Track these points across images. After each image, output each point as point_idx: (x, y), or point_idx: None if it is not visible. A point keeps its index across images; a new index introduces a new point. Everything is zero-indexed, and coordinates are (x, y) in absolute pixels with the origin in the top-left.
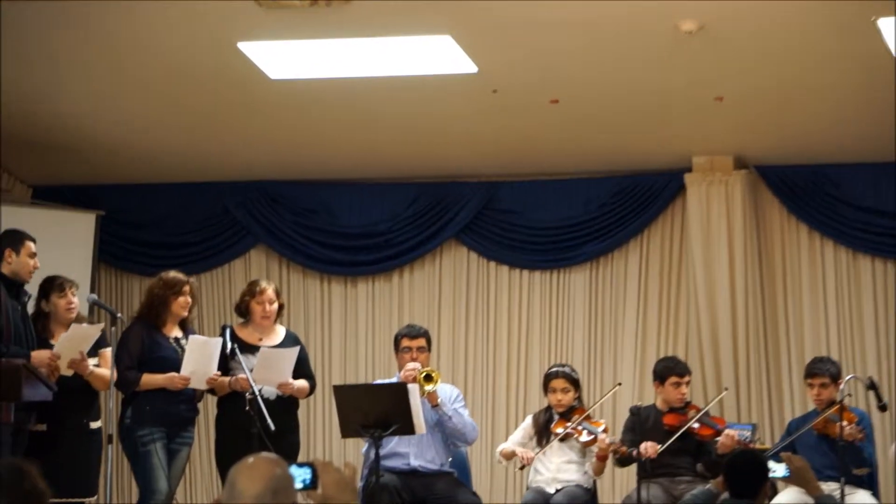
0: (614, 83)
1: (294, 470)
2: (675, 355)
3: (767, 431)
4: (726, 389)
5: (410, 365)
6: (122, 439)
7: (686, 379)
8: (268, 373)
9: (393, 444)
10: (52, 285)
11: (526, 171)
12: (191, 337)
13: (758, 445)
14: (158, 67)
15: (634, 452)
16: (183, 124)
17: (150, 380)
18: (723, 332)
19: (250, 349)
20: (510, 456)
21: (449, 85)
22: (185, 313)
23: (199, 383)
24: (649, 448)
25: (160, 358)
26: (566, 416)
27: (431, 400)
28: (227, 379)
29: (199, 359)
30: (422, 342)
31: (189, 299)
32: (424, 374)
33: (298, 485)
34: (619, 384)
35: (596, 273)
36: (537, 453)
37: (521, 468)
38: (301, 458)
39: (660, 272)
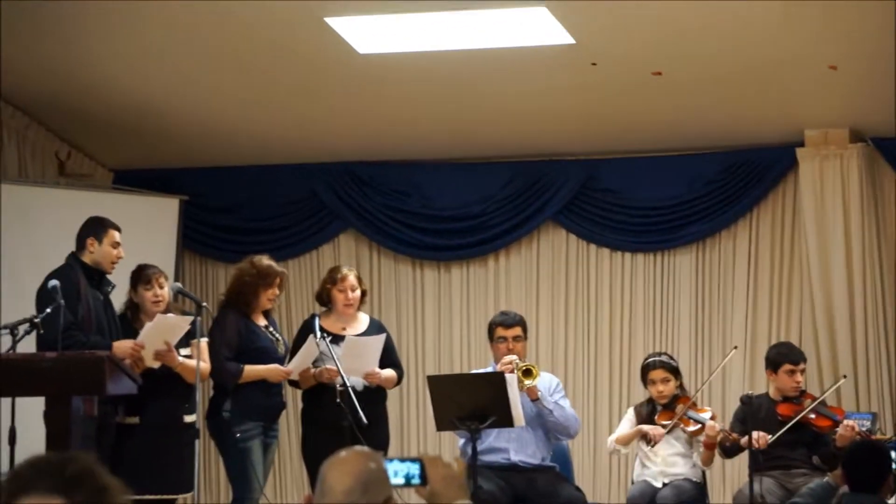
0: (720, 52)
1: (401, 465)
2: (789, 341)
3: (889, 421)
4: (844, 377)
5: (507, 357)
6: (216, 433)
7: (801, 366)
8: (354, 362)
9: (491, 438)
10: (140, 276)
11: (627, 148)
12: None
13: (879, 436)
14: (242, 45)
15: (744, 441)
16: (268, 104)
17: (253, 371)
18: (839, 317)
19: (334, 339)
20: (630, 439)
21: (545, 58)
22: (270, 305)
23: (297, 375)
24: (760, 438)
25: (258, 349)
26: (670, 406)
27: (531, 394)
28: (312, 370)
29: (307, 357)
30: (518, 331)
31: (277, 291)
32: (524, 368)
33: (401, 480)
34: (735, 347)
35: (702, 255)
36: (651, 446)
37: (653, 444)
38: (393, 451)
39: (770, 254)
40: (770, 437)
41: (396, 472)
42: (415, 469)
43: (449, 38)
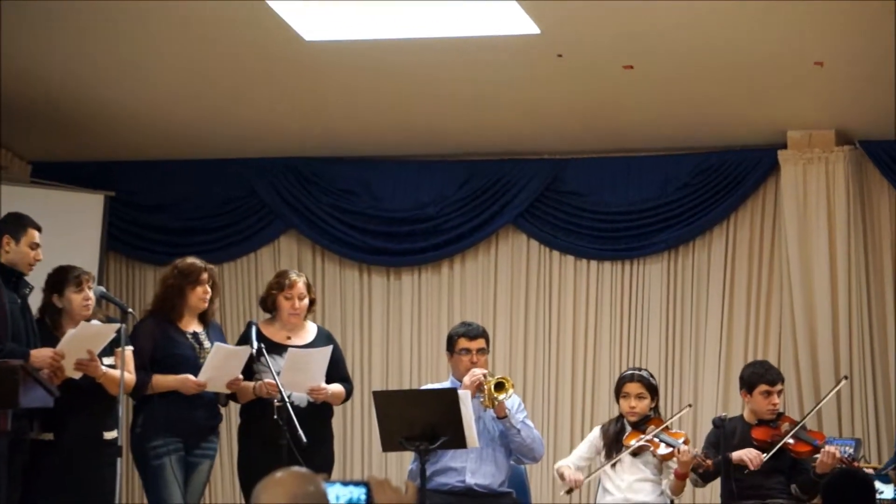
0: (697, 46)
1: (344, 488)
2: (766, 360)
3: (874, 448)
4: (846, 378)
5: (475, 371)
6: (133, 450)
7: (778, 387)
8: (297, 376)
9: (447, 457)
10: (68, 278)
11: (595, 148)
12: (216, 345)
13: (862, 464)
14: (176, 29)
15: (736, 457)
16: (204, 93)
17: (162, 381)
18: (822, 334)
19: (277, 349)
20: (561, 476)
21: (507, 48)
22: (205, 305)
23: (217, 386)
24: (753, 457)
25: (174, 356)
26: (640, 426)
27: (499, 412)
28: (251, 384)
29: (221, 366)
30: (481, 343)
31: (208, 289)
32: (496, 381)
33: None
34: (690, 405)
35: (674, 264)
36: (601, 466)
37: (568, 492)
38: (336, 473)
39: (748, 264)
40: (765, 455)
41: (339, 496)
42: (360, 493)
43: (403, 26)
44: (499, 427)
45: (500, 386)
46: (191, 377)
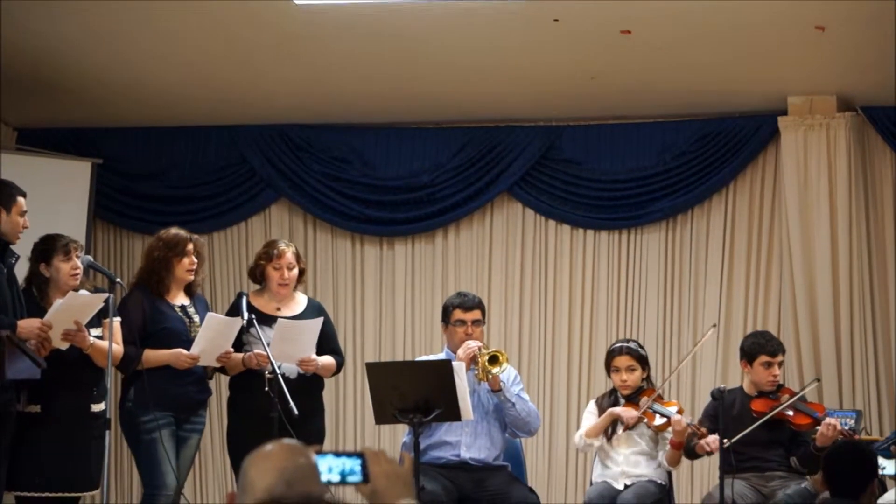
0: (695, 10)
1: (337, 460)
2: (766, 330)
3: (875, 420)
4: (818, 380)
5: (471, 343)
6: (123, 425)
7: (779, 358)
8: (287, 347)
9: (442, 431)
10: (56, 246)
11: (591, 114)
12: (209, 315)
13: (863, 436)
14: None
15: (694, 442)
16: (193, 59)
17: (154, 356)
18: (822, 304)
19: (267, 320)
20: (600, 430)
21: (502, 12)
22: (191, 277)
23: (208, 360)
24: (711, 442)
25: (165, 330)
26: (633, 398)
27: (494, 385)
28: (240, 355)
29: (214, 338)
30: (477, 314)
31: (194, 260)
32: (490, 355)
33: (336, 477)
34: (714, 325)
35: (672, 233)
36: (599, 444)
37: (630, 428)
38: (328, 446)
39: (748, 233)
40: (727, 441)
41: (331, 467)
42: (354, 465)
43: None
44: (493, 400)
45: (494, 359)
46: (183, 351)
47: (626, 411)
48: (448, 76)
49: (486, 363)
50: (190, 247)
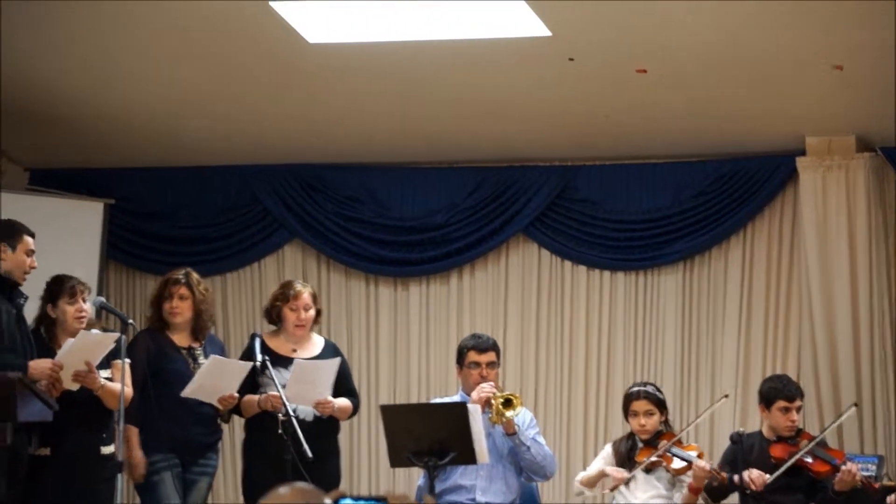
0: (712, 49)
1: None
2: (785, 374)
3: None
4: (856, 405)
5: (485, 386)
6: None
7: (797, 403)
8: (303, 389)
9: (457, 475)
10: (62, 288)
11: (607, 154)
12: (212, 357)
13: (885, 482)
14: (177, 32)
15: (735, 479)
16: (205, 98)
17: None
18: (842, 347)
19: (283, 361)
20: (594, 481)
21: (517, 51)
22: (175, 319)
23: (208, 398)
24: (755, 478)
25: (168, 370)
26: (652, 442)
27: (508, 428)
28: (255, 397)
29: (215, 379)
30: (492, 356)
31: (175, 304)
32: (504, 398)
33: None
34: (727, 395)
35: (690, 275)
36: (616, 486)
37: (612, 489)
38: (343, 489)
39: (766, 274)
40: (769, 476)
41: None
42: None
43: (409, 28)
44: (509, 444)
45: (508, 402)
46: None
47: (616, 471)
48: (462, 115)
49: (501, 406)
50: (175, 289)
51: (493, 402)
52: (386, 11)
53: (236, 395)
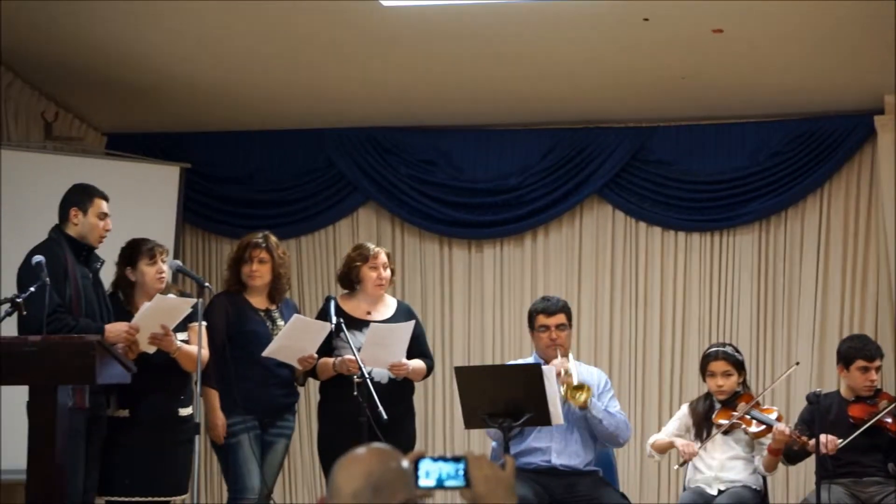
0: (788, 8)
1: (434, 464)
2: (864, 334)
3: None
4: None
5: (556, 361)
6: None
7: (876, 363)
8: (378, 351)
9: (531, 437)
10: (141, 250)
11: (682, 115)
12: (295, 316)
13: None
14: None
15: (810, 445)
16: (280, 61)
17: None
18: None
19: (357, 324)
20: (665, 449)
21: (591, 12)
22: (253, 282)
23: (288, 358)
24: (829, 442)
25: (248, 332)
26: (730, 403)
27: (581, 406)
28: (331, 360)
29: (297, 339)
30: (561, 318)
31: (255, 267)
32: (577, 384)
33: (431, 482)
34: (798, 363)
35: (766, 235)
36: (699, 448)
37: (681, 465)
38: (421, 449)
39: (843, 234)
40: (840, 441)
41: (428, 472)
42: (452, 469)
43: None
44: (581, 414)
45: (578, 387)
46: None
47: (685, 445)
48: (536, 77)
49: (570, 389)
50: (255, 252)
51: (564, 381)
52: None
53: (315, 355)
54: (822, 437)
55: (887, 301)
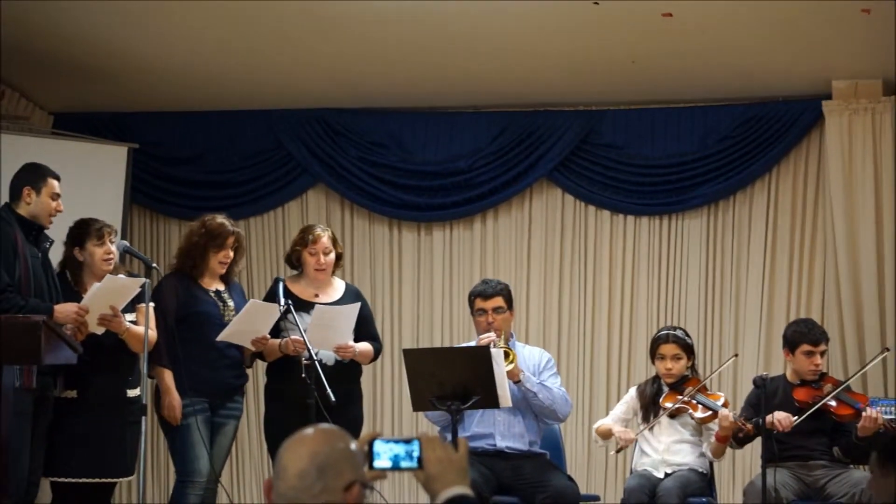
0: None
1: (385, 445)
2: (810, 318)
3: None
4: (887, 350)
5: (484, 336)
6: (158, 410)
7: (821, 347)
8: (324, 333)
9: (474, 423)
10: (89, 230)
11: (632, 99)
12: (251, 301)
13: None
14: None
15: (761, 422)
16: (229, 41)
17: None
18: (867, 291)
19: (304, 306)
20: (607, 435)
21: None
22: (222, 270)
23: (242, 341)
24: (782, 419)
25: (199, 313)
26: (677, 387)
27: (512, 376)
28: (277, 341)
29: (251, 322)
30: (498, 301)
31: (230, 254)
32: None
33: (387, 463)
34: (736, 355)
35: (714, 219)
36: (641, 430)
37: (618, 451)
38: (376, 431)
39: (791, 219)
40: (796, 418)
41: (382, 453)
42: (403, 450)
43: None
44: (519, 391)
45: (505, 355)
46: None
47: (622, 432)
48: (487, 60)
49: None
50: (230, 240)
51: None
52: None
53: (268, 335)
54: (779, 414)
55: (833, 285)
